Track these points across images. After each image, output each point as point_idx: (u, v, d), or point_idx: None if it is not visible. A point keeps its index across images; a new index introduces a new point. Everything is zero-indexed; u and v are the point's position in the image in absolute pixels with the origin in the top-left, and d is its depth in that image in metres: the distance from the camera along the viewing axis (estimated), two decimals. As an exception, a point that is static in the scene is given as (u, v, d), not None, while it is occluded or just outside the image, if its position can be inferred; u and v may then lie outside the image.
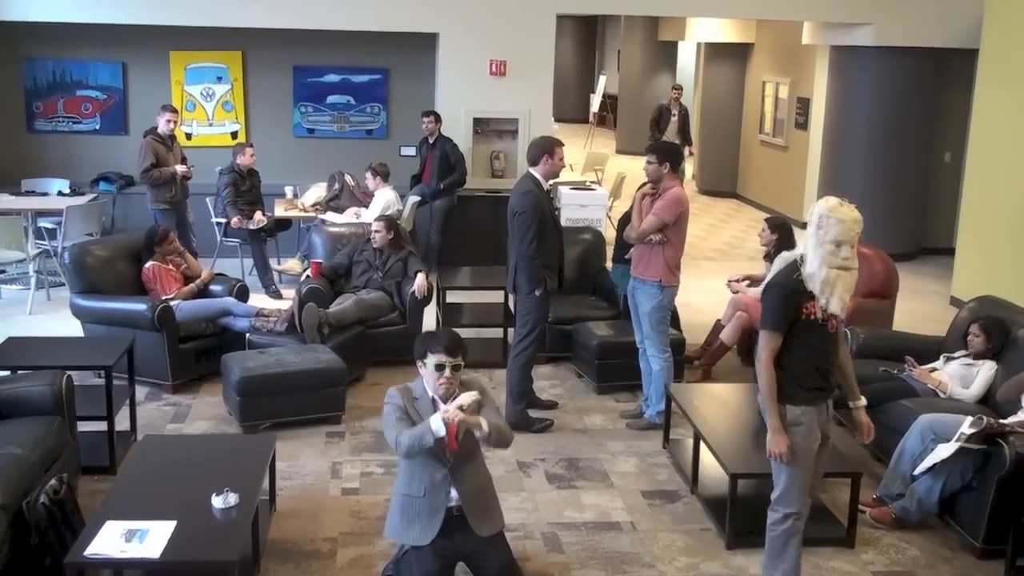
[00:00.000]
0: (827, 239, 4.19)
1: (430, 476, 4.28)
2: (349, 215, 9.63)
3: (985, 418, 5.10)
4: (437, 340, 4.39)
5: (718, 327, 7.83)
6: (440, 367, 4.35)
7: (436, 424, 4.16)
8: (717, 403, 6.09)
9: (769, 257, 7.66)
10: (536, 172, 6.35)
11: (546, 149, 6.33)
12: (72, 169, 10.90)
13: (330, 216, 9.63)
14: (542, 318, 6.55)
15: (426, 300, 7.76)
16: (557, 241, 6.49)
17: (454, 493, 4.28)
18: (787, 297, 4.24)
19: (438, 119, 10.06)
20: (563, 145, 6.51)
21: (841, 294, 4.22)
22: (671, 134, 14.40)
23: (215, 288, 7.66)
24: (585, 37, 28.53)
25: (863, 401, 4.54)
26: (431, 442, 4.15)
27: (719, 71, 16.29)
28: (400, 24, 10.31)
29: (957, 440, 5.06)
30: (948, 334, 6.57)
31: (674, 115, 14.80)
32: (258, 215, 9.59)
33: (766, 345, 4.27)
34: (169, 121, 9.23)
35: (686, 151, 14.10)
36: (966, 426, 5.08)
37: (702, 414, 5.81)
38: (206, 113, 11.26)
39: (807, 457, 4.36)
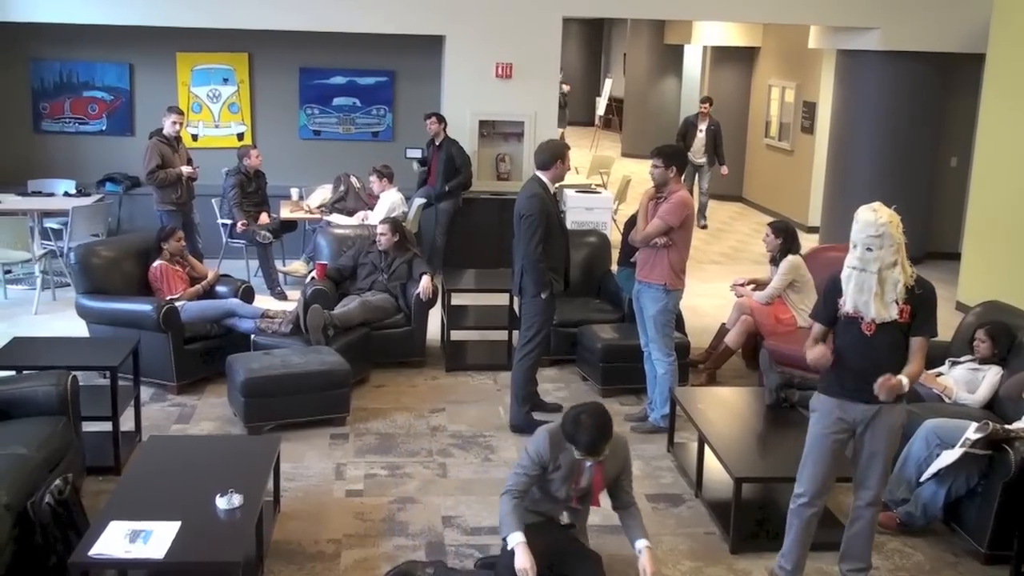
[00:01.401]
0: (850, 239, 4.32)
1: (551, 509, 4.56)
2: (358, 219, 9.63)
3: (990, 424, 5.08)
4: (580, 437, 4.33)
5: (723, 331, 7.82)
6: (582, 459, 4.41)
7: (513, 542, 4.24)
8: (722, 407, 6.08)
9: (774, 261, 7.66)
10: (545, 176, 6.35)
11: (558, 154, 6.33)
12: (78, 170, 10.93)
13: (335, 218, 9.64)
14: (547, 321, 6.55)
15: (431, 302, 7.76)
16: (563, 244, 6.49)
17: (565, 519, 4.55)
18: (827, 289, 4.49)
19: (440, 120, 10.04)
20: (570, 149, 6.52)
21: (854, 295, 4.27)
22: (696, 150, 13.55)
23: (220, 289, 7.67)
24: (591, 40, 28.55)
25: (904, 380, 4.34)
26: (505, 541, 4.30)
27: (725, 75, 16.28)
28: (406, 26, 10.33)
29: (962, 446, 5.05)
30: (954, 339, 6.55)
31: (700, 130, 13.64)
32: (264, 217, 9.60)
33: (810, 333, 4.57)
34: (175, 123, 9.24)
35: (722, 170, 13.79)
36: (971, 431, 5.07)
37: (707, 418, 5.80)
38: (212, 114, 11.28)
39: (815, 444, 4.53)
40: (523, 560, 4.15)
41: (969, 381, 6.04)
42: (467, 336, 8.28)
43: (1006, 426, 5.18)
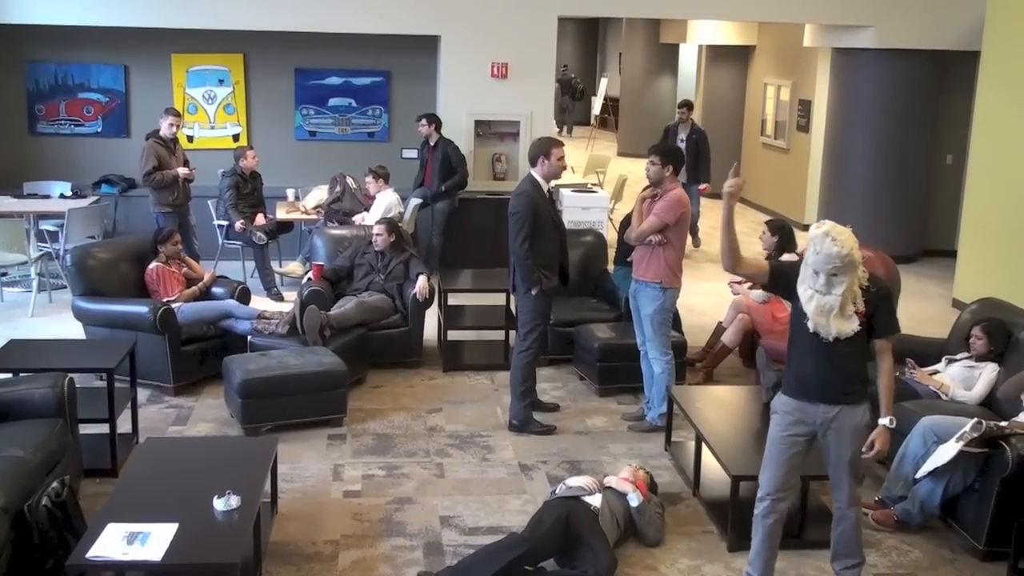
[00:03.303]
0: (807, 261, 4.25)
1: None
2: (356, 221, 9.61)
3: (984, 422, 5.08)
4: None
5: (720, 329, 7.83)
6: None
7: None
8: (719, 405, 6.09)
9: (771, 259, 7.65)
10: (535, 173, 6.36)
11: (543, 150, 6.33)
12: (74, 172, 10.91)
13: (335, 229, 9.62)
14: (543, 317, 6.55)
15: (427, 303, 7.76)
16: (557, 241, 6.49)
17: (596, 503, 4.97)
18: (793, 271, 4.40)
19: (432, 121, 10.02)
20: (562, 145, 6.50)
21: (815, 316, 4.24)
22: None
23: (217, 290, 7.66)
24: (587, 39, 28.56)
25: (885, 421, 4.42)
26: None
27: (720, 73, 16.30)
28: (401, 27, 10.32)
29: (958, 440, 5.05)
30: (950, 336, 6.57)
31: (681, 140, 11.79)
32: (260, 218, 9.59)
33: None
34: (172, 125, 9.24)
35: (700, 187, 11.68)
36: (967, 428, 5.08)
37: (704, 416, 5.80)
38: (208, 116, 11.27)
39: (773, 445, 4.52)
40: None
41: (966, 378, 6.05)
42: (464, 336, 8.28)
43: (1000, 423, 5.19)
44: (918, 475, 5.27)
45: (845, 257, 4.14)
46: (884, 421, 4.41)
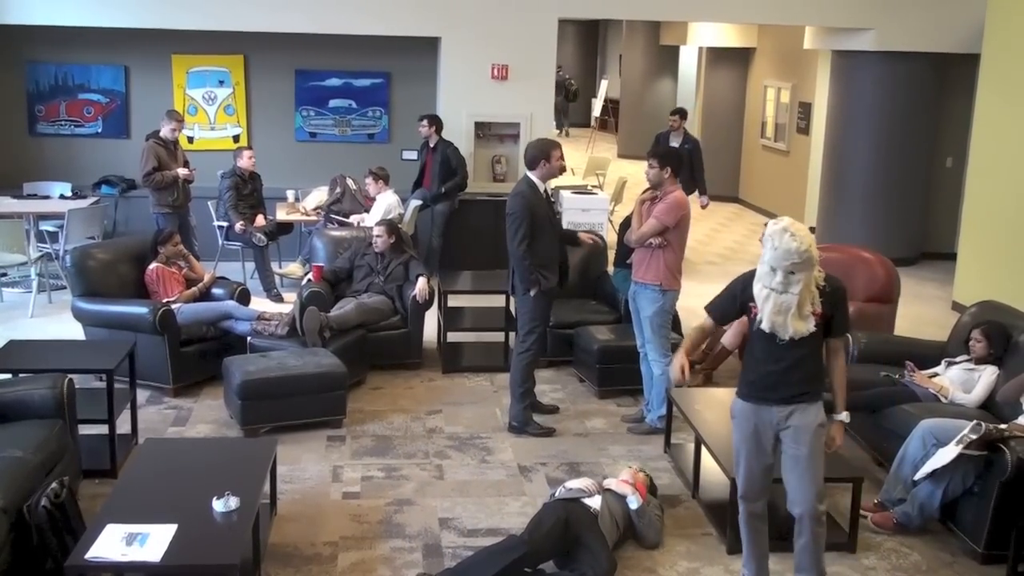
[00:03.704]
0: (764, 259, 4.22)
1: None
2: (354, 222, 9.61)
3: (983, 424, 5.09)
4: None
5: (719, 332, 7.82)
6: None
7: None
8: (718, 407, 6.07)
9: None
10: (533, 175, 6.36)
11: (543, 153, 6.33)
12: (74, 172, 10.91)
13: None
14: (542, 318, 6.55)
15: (427, 304, 7.76)
16: (555, 242, 6.50)
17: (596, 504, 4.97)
18: (737, 290, 4.45)
19: (433, 123, 10.03)
20: (560, 147, 6.51)
21: (771, 316, 4.21)
22: None
23: (217, 291, 7.66)
24: (587, 41, 28.56)
25: (841, 416, 4.49)
26: None
27: (721, 75, 16.30)
28: (402, 28, 10.32)
29: (957, 443, 5.05)
30: (950, 339, 6.57)
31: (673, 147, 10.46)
32: (260, 219, 9.59)
33: (699, 321, 4.68)
34: (174, 130, 9.26)
35: (700, 201, 10.94)
36: (966, 431, 5.08)
37: (703, 418, 5.80)
38: (208, 117, 11.27)
39: (740, 447, 4.54)
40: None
41: (965, 381, 6.05)
42: (464, 338, 8.28)
43: (999, 425, 5.19)
44: (917, 477, 5.27)
45: (803, 253, 4.10)
46: (839, 416, 4.47)
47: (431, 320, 8.15)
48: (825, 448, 4.46)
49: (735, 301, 4.49)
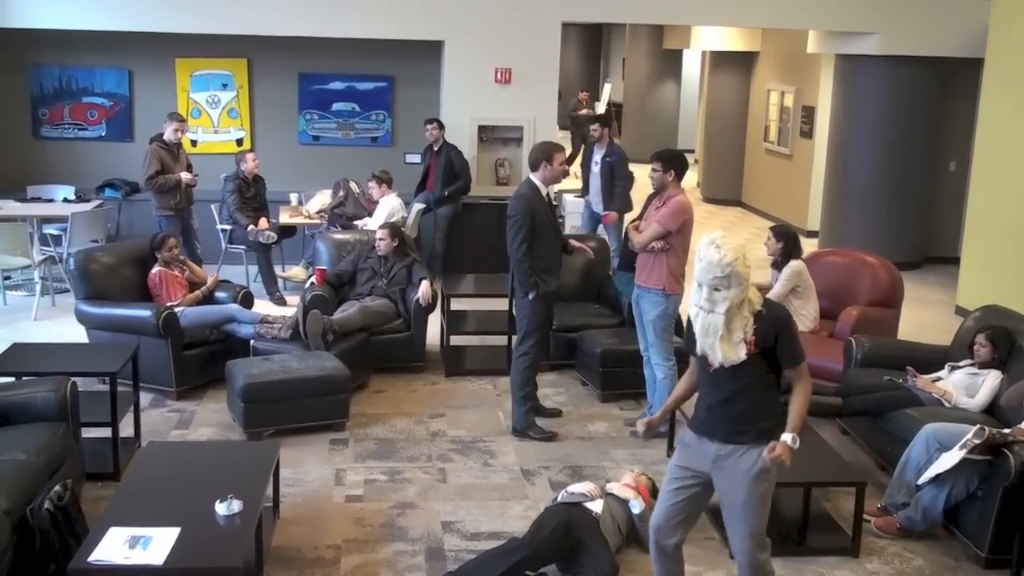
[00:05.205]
0: (694, 275, 3.94)
1: None
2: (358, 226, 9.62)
3: (987, 429, 5.08)
4: None
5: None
6: None
7: None
8: (721, 411, 6.07)
9: (776, 265, 7.65)
10: (535, 178, 6.37)
11: (546, 155, 6.34)
12: (78, 175, 10.93)
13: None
14: (541, 322, 6.54)
15: (430, 307, 7.76)
16: (556, 247, 6.49)
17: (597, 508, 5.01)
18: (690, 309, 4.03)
19: (441, 126, 10.07)
20: (564, 151, 6.51)
21: (700, 337, 3.91)
22: (593, 192, 9.96)
23: (220, 295, 7.67)
24: (590, 45, 28.56)
25: (787, 437, 3.92)
26: None
27: (724, 79, 16.30)
28: (405, 32, 10.34)
29: (961, 447, 5.05)
30: (953, 343, 6.55)
31: (596, 163, 9.88)
32: (263, 222, 9.60)
33: (688, 369, 4.39)
34: (177, 131, 9.25)
35: (607, 216, 9.77)
36: (970, 435, 5.07)
37: (706, 422, 5.78)
38: (212, 120, 11.29)
39: (667, 477, 4.23)
40: None
41: (968, 386, 6.03)
42: (467, 341, 8.28)
43: (1003, 430, 5.18)
44: (921, 482, 5.26)
45: (727, 266, 3.79)
46: (786, 437, 3.93)
47: (434, 323, 8.15)
48: (772, 464, 3.95)
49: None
